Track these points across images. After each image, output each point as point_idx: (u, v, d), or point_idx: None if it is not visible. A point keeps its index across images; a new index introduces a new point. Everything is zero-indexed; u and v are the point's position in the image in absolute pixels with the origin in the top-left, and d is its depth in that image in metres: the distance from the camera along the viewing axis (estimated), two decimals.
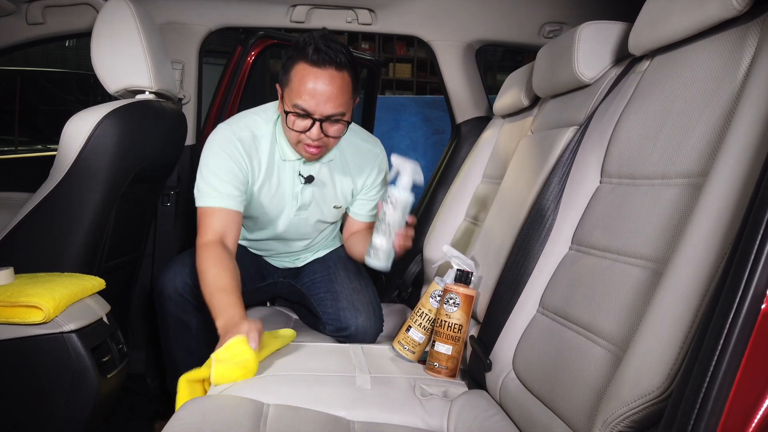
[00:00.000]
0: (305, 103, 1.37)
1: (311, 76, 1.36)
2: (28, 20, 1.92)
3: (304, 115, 1.39)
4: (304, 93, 1.37)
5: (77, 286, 1.31)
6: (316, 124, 1.40)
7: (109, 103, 1.43)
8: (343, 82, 1.38)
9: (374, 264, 1.41)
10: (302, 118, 1.40)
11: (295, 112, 1.39)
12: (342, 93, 1.39)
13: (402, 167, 1.39)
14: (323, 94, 1.36)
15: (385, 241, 1.39)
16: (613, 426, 0.74)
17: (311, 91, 1.36)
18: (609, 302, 0.89)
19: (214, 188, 1.46)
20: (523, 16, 2.09)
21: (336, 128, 1.43)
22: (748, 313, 0.57)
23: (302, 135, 1.42)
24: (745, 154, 0.71)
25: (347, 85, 1.40)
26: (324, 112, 1.38)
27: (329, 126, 1.42)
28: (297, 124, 1.41)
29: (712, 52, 0.89)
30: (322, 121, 1.40)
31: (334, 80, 1.37)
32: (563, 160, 1.16)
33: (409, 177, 1.38)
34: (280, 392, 1.09)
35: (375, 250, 1.40)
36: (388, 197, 1.37)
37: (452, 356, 1.23)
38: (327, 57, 1.35)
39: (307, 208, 1.62)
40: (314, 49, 1.35)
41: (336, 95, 1.38)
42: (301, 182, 1.57)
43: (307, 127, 1.41)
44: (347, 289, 1.63)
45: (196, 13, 2.05)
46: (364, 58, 3.02)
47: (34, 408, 1.24)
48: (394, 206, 1.37)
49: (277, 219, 1.62)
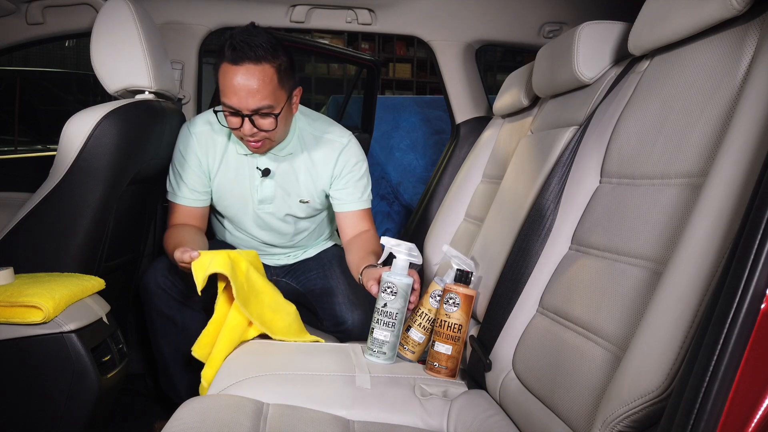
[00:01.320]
0: (230, 101, 1.42)
1: (230, 74, 1.40)
2: (27, 20, 1.92)
3: (233, 112, 1.44)
4: (228, 91, 1.41)
5: (77, 286, 1.31)
6: (246, 120, 1.44)
7: (108, 103, 1.43)
8: (263, 74, 1.40)
9: (379, 361, 1.26)
10: (233, 116, 1.45)
11: (226, 110, 1.45)
12: (264, 86, 1.40)
13: (396, 250, 1.29)
14: (243, 89, 1.39)
15: (390, 335, 1.26)
16: (612, 426, 0.74)
17: (233, 88, 1.40)
18: (609, 302, 0.89)
19: (176, 186, 1.61)
20: (523, 16, 2.09)
21: (267, 122, 1.45)
22: (748, 313, 0.57)
23: (238, 131, 1.48)
24: (744, 154, 0.71)
25: (269, 77, 1.41)
26: (249, 106, 1.41)
27: (259, 120, 1.45)
28: (230, 122, 1.46)
29: (712, 52, 0.89)
30: (251, 116, 1.43)
31: (253, 74, 1.39)
32: (563, 160, 1.16)
33: (404, 259, 1.28)
34: (280, 392, 1.09)
35: (378, 345, 1.26)
36: (385, 285, 1.27)
37: (452, 356, 1.23)
38: (242, 53, 1.38)
39: (270, 202, 1.65)
40: (230, 46, 1.39)
41: (257, 89, 1.40)
42: (259, 175, 1.61)
43: (239, 124, 1.45)
44: (343, 285, 1.64)
45: (196, 13, 2.05)
46: (364, 57, 3.02)
47: (33, 408, 1.23)
48: (394, 294, 1.26)
49: (243, 213, 1.67)
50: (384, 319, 1.26)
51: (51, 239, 1.43)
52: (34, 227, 1.41)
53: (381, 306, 1.27)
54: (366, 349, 1.29)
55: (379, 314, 1.26)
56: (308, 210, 1.69)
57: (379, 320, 1.26)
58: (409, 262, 1.28)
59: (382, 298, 1.27)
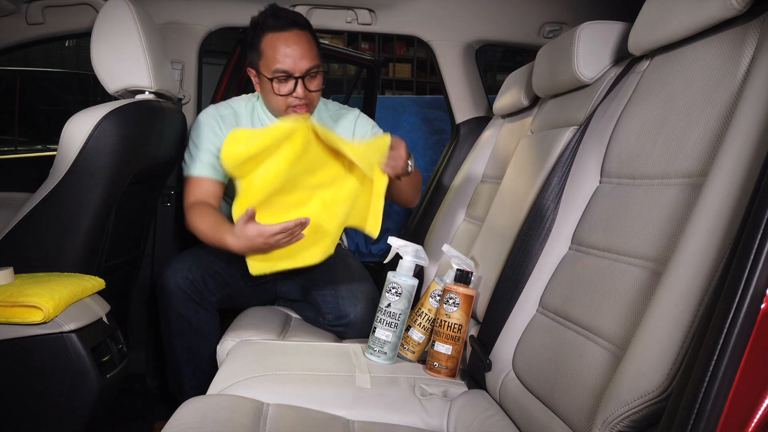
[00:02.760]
0: (284, 65, 1.51)
1: (281, 40, 1.51)
2: (27, 20, 1.92)
3: (285, 78, 1.53)
4: (280, 56, 1.51)
5: (77, 286, 1.30)
6: (299, 82, 1.53)
7: (108, 103, 1.43)
8: (308, 38, 1.55)
9: (379, 360, 1.26)
10: (285, 82, 1.54)
11: (277, 77, 1.52)
12: (311, 48, 1.54)
13: (403, 251, 1.29)
14: (297, 51, 1.51)
15: (392, 335, 1.26)
16: (612, 426, 0.74)
17: (286, 51, 1.51)
18: (609, 302, 0.89)
19: (195, 159, 1.62)
20: (523, 16, 2.09)
21: (316, 82, 1.57)
22: (748, 313, 0.57)
23: (290, 98, 1.55)
24: (744, 154, 0.71)
25: (312, 41, 1.56)
26: (302, 67, 1.53)
27: (310, 81, 1.56)
28: (281, 89, 1.54)
29: (712, 52, 0.89)
30: (303, 77, 1.53)
31: (301, 38, 1.53)
32: (563, 160, 1.16)
33: (411, 260, 1.28)
34: (280, 392, 1.09)
35: (380, 345, 1.26)
36: (390, 286, 1.27)
37: (452, 356, 1.23)
38: (287, 20, 1.51)
39: None
40: (272, 16, 1.50)
41: (308, 49, 1.53)
42: None
43: (291, 88, 1.54)
44: (347, 281, 1.65)
45: (196, 13, 2.05)
46: (364, 57, 3.02)
47: (33, 408, 1.23)
48: (398, 295, 1.26)
49: None
50: (387, 319, 1.26)
51: (51, 239, 1.43)
52: (34, 227, 1.41)
53: (385, 306, 1.27)
54: (367, 348, 1.29)
55: (383, 314, 1.27)
56: None
57: (382, 320, 1.26)
58: (417, 265, 1.29)
59: (386, 298, 1.27)
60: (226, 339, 1.47)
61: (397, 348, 1.29)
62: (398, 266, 1.29)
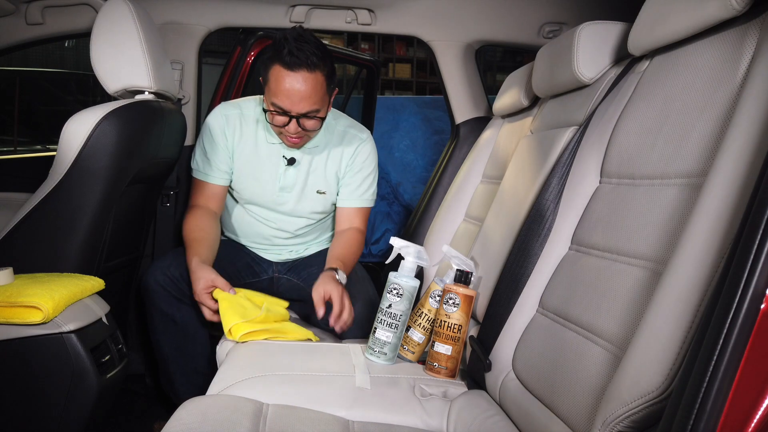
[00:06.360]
0: (281, 103, 1.51)
1: (286, 79, 1.48)
2: (27, 20, 1.92)
3: (281, 112, 1.52)
4: (280, 93, 1.49)
5: (77, 286, 1.30)
6: (293, 120, 1.53)
7: (108, 103, 1.43)
8: (315, 81, 1.49)
9: (379, 361, 1.26)
10: (280, 115, 1.53)
11: (274, 110, 1.52)
12: (315, 92, 1.50)
13: (405, 251, 1.29)
14: (297, 94, 1.49)
15: (392, 335, 1.26)
16: (612, 426, 0.74)
17: (286, 91, 1.49)
18: (608, 302, 0.89)
19: (202, 163, 1.68)
20: (522, 16, 2.09)
21: (312, 123, 1.56)
22: (748, 313, 0.57)
23: (282, 128, 1.56)
24: (744, 154, 0.71)
25: (320, 84, 1.51)
26: (299, 110, 1.51)
27: (305, 121, 1.54)
28: (276, 120, 1.55)
29: (712, 53, 0.89)
30: (299, 117, 1.53)
31: (307, 81, 1.48)
32: (563, 160, 1.16)
33: (412, 261, 1.28)
34: (280, 392, 1.09)
35: (380, 345, 1.26)
36: (391, 286, 1.27)
37: (452, 356, 1.23)
38: (299, 60, 1.46)
39: (290, 191, 1.71)
40: (288, 52, 1.46)
41: (309, 95, 1.49)
42: (284, 164, 1.68)
43: (285, 123, 1.54)
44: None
45: (196, 13, 2.05)
46: (364, 58, 3.02)
47: (33, 408, 1.23)
48: (399, 296, 1.26)
49: (260, 197, 1.72)
50: (387, 319, 1.26)
51: (51, 239, 1.43)
52: (34, 227, 1.41)
53: (386, 306, 1.27)
54: (367, 348, 1.29)
55: (383, 315, 1.27)
56: (323, 203, 1.75)
57: (383, 321, 1.26)
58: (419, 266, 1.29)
59: (387, 299, 1.27)
60: (225, 339, 1.47)
61: (397, 349, 1.29)
62: (400, 267, 1.29)
